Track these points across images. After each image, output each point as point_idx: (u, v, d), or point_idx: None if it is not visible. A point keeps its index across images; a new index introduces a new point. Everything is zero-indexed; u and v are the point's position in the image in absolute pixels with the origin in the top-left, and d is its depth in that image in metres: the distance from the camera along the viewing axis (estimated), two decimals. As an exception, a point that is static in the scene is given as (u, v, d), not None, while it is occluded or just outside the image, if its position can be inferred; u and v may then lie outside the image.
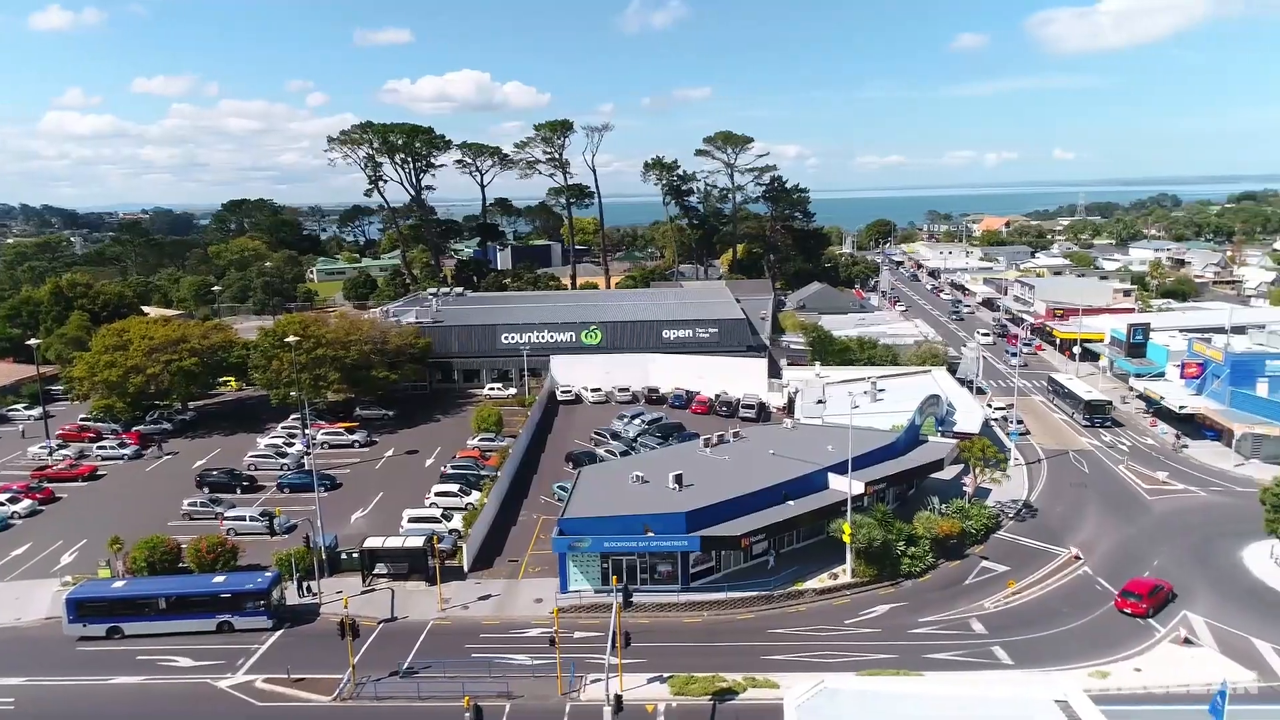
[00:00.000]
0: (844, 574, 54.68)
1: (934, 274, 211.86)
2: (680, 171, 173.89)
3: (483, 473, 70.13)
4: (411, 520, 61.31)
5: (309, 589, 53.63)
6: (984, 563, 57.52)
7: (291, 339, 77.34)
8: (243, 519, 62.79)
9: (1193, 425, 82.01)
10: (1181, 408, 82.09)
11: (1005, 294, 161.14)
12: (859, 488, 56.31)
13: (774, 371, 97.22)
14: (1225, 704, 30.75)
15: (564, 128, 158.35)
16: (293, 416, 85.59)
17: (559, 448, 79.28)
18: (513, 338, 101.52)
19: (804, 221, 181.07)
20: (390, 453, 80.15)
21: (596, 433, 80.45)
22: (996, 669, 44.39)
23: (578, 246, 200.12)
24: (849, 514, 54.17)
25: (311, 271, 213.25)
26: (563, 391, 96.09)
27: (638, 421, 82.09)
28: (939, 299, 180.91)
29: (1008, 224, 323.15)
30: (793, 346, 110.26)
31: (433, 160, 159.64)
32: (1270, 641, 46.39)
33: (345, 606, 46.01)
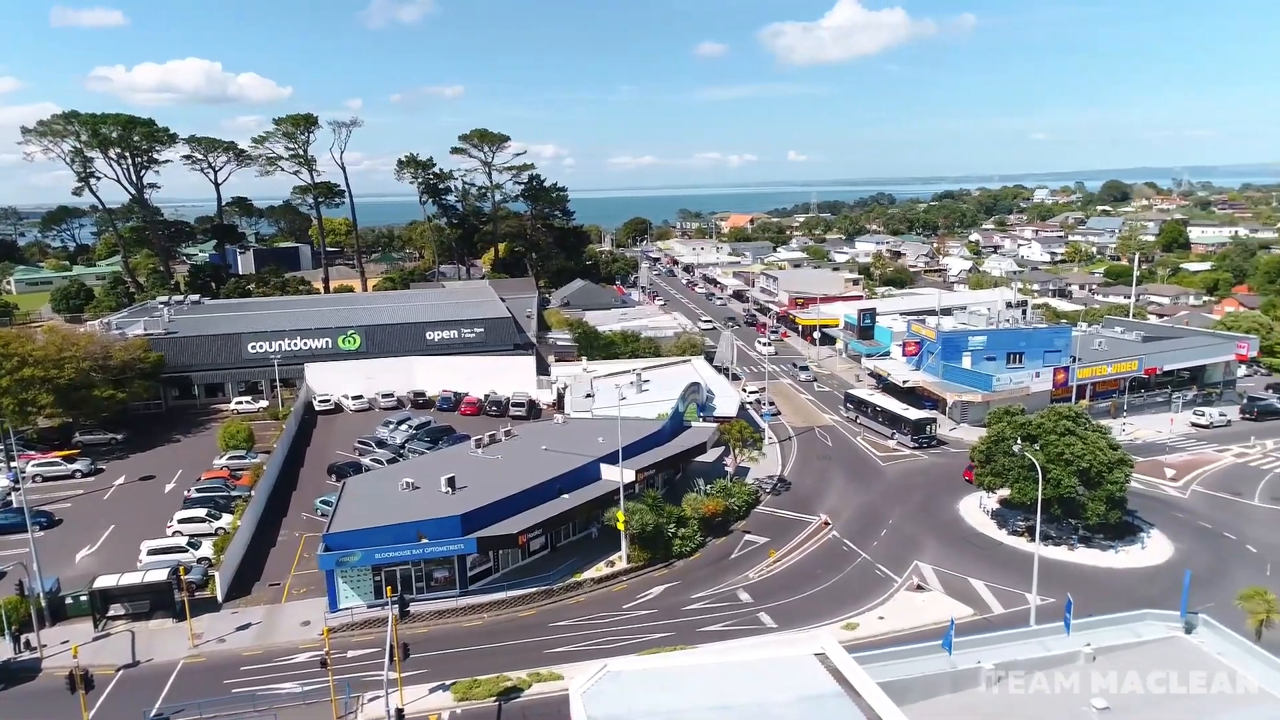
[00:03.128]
0: (620, 561, 56.16)
1: (688, 269, 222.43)
2: (436, 170, 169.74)
3: (234, 493, 64.65)
4: (152, 552, 55.27)
5: (27, 643, 46.75)
6: (747, 536, 61.41)
7: (-13, 359, 66.96)
8: (-68, 572, 53.51)
9: (915, 397, 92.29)
10: (905, 382, 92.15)
11: (753, 286, 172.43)
12: (630, 476, 58.01)
13: (542, 368, 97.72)
14: (953, 636, 34.87)
15: (308, 122, 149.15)
16: (-7, 448, 74.06)
17: (320, 460, 74.82)
18: (261, 347, 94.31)
19: (564, 220, 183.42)
20: (121, 480, 71.70)
21: (360, 441, 76.72)
22: (763, 633, 47.58)
23: (329, 248, 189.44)
24: (622, 502, 55.66)
25: (8, 282, 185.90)
26: (320, 401, 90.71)
27: (404, 427, 79.34)
28: (694, 293, 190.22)
29: (752, 221, 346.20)
30: (559, 343, 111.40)
31: (156, 155, 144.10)
32: (983, 580, 53.43)
33: (75, 656, 40.71)
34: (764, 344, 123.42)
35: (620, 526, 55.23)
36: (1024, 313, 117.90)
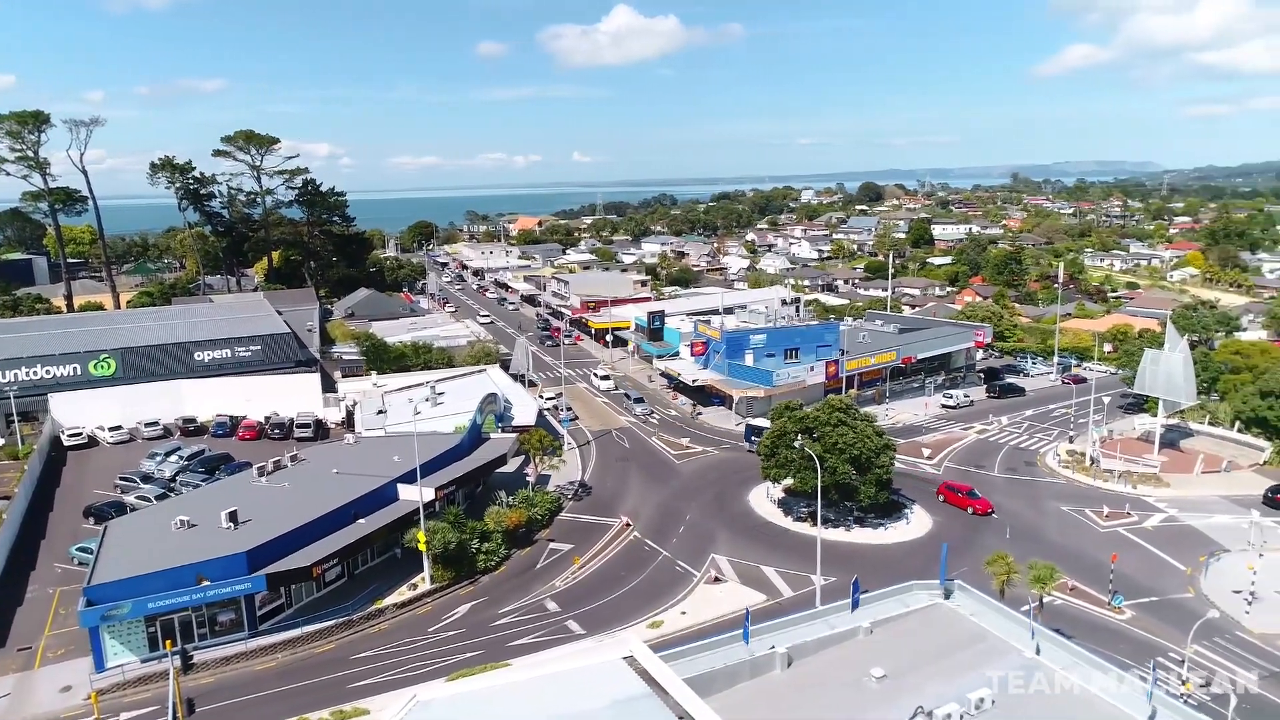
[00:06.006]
0: (423, 582, 54.80)
1: (478, 274, 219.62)
2: (197, 174, 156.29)
3: (-33, 549, 56.64)
4: None
5: None
6: (552, 545, 61.83)
7: None
8: None
9: (704, 395, 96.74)
10: (694, 381, 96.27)
11: (544, 290, 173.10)
12: (430, 494, 56.78)
13: (328, 385, 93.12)
14: (749, 625, 37.16)
15: (38, 120, 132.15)
16: None
17: (74, 502, 66.98)
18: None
19: (343, 225, 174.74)
20: None
21: (123, 478, 69.49)
22: (572, 641, 48.20)
23: (71, 260, 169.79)
24: (422, 521, 54.35)
25: None
26: (70, 435, 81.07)
27: (174, 458, 72.86)
28: (486, 298, 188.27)
29: (540, 223, 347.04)
30: (345, 357, 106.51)
31: None
32: (774, 566, 57.08)
33: None
34: (600, 376, 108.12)
35: (422, 547, 53.90)
36: (798, 310, 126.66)
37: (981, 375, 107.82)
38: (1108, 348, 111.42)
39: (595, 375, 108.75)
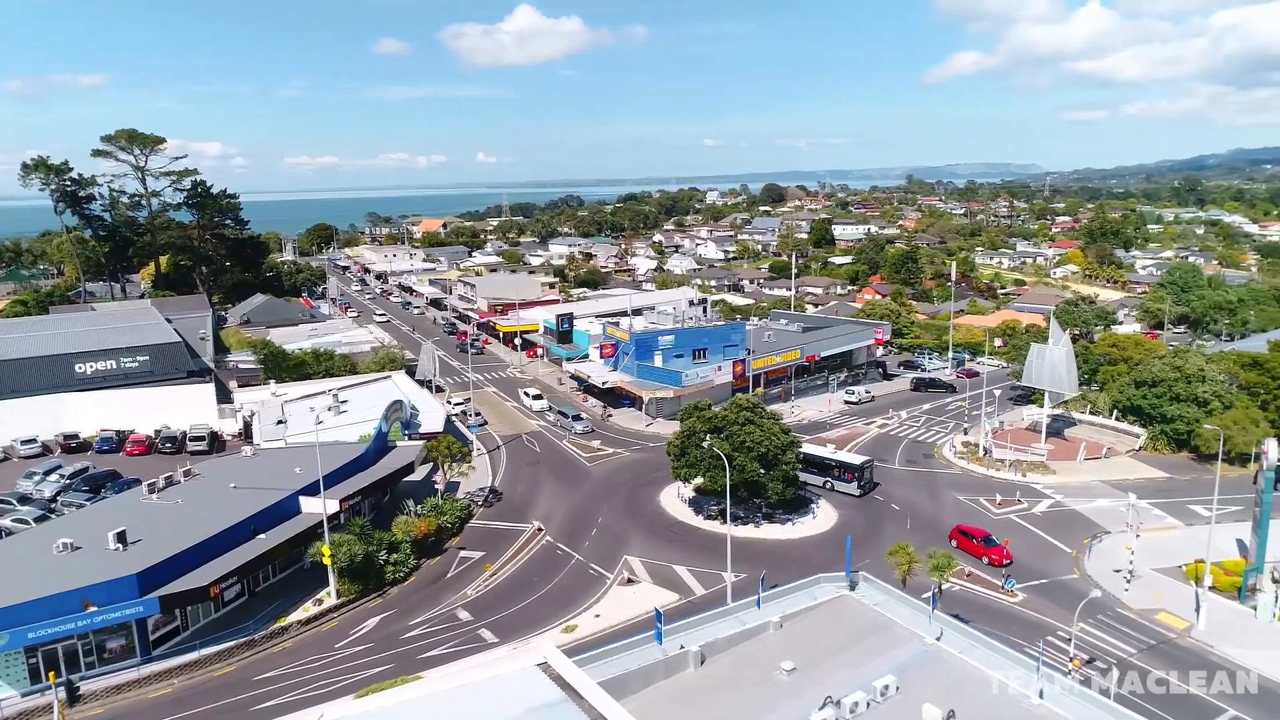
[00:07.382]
0: (329, 597, 53.26)
1: (381, 277, 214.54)
2: (75, 175, 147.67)
3: None
4: None
5: None
6: (462, 553, 60.95)
7: None
8: None
9: (614, 396, 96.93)
10: (604, 383, 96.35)
11: (450, 293, 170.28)
12: (334, 506, 55.22)
13: (223, 396, 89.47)
14: (663, 625, 37.47)
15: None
16: None
17: (-59, 528, 62.56)
18: None
19: (237, 228, 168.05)
20: None
21: (-3, 499, 65.23)
22: (485, 650, 47.63)
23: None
24: (327, 534, 52.81)
25: None
26: (-63, 455, 75.77)
27: (55, 477, 68.77)
28: (390, 302, 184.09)
29: (445, 225, 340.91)
30: (242, 366, 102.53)
31: None
32: (686, 565, 57.69)
33: None
34: (533, 395, 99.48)
35: (327, 561, 52.35)
36: (705, 310, 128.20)
37: (881, 371, 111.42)
38: (998, 343, 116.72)
39: (527, 395, 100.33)
